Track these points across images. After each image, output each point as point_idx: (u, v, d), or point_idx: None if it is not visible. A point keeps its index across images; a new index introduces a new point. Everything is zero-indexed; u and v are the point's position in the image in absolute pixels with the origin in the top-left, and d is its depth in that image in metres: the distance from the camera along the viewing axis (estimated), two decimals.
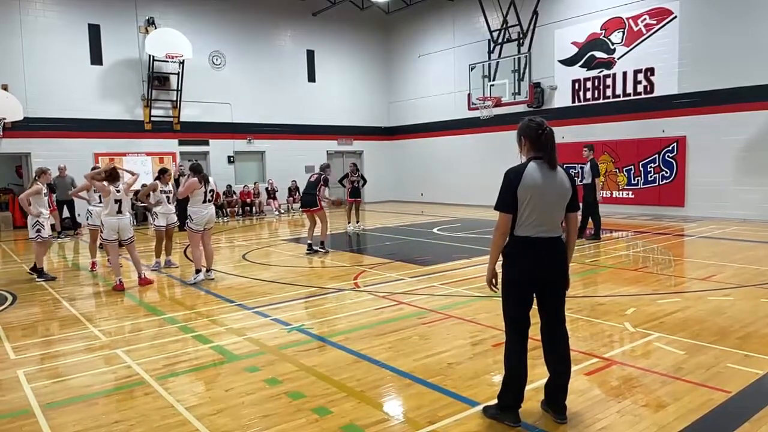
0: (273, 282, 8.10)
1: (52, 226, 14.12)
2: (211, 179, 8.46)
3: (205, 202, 8.27)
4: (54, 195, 13.89)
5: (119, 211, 8.00)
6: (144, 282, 8.19)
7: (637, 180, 16.03)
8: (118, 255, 8.20)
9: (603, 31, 16.57)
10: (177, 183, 16.03)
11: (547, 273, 3.38)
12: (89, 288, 8.35)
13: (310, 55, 22.36)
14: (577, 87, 17.40)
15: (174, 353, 5.06)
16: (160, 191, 9.56)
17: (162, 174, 9.73)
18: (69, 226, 15.74)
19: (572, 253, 3.51)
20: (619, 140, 16.33)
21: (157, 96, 18.71)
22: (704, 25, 14.32)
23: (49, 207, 13.58)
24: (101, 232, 8.26)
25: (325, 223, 10.80)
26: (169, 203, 9.66)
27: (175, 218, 9.82)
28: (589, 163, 10.94)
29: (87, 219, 9.89)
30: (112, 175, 7.98)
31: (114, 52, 17.99)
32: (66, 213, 15.43)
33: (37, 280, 8.78)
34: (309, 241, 10.72)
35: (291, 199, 20.89)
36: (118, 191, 7.93)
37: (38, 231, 8.63)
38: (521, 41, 17.24)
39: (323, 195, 10.65)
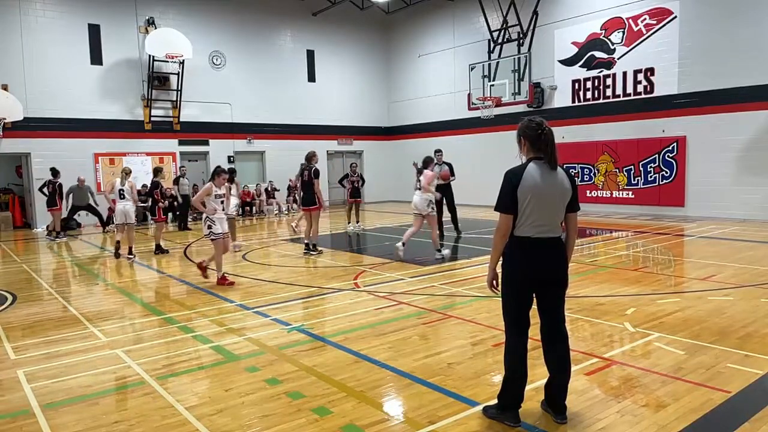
0: (273, 282, 8.10)
1: (53, 226, 14.34)
2: (119, 181, 10.77)
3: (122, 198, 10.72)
4: (63, 197, 14.53)
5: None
6: (223, 281, 7.99)
7: (637, 180, 16.03)
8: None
9: (603, 31, 16.57)
10: (176, 183, 16.11)
11: (547, 273, 3.37)
12: (89, 288, 8.36)
13: (310, 55, 22.36)
14: (577, 87, 17.40)
15: (174, 353, 5.06)
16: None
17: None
18: (72, 226, 16.31)
19: (572, 253, 3.51)
20: (619, 140, 16.33)
21: (157, 96, 18.71)
22: (704, 25, 14.31)
23: (56, 206, 13.95)
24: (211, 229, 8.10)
25: (317, 223, 10.70)
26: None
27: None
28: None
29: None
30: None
31: (114, 52, 17.99)
32: (71, 215, 16.00)
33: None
34: (306, 241, 10.68)
35: (291, 198, 20.90)
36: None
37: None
38: (521, 41, 17.24)
39: (318, 189, 10.47)
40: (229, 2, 20.17)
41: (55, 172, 14.33)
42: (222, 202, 8.20)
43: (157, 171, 11.69)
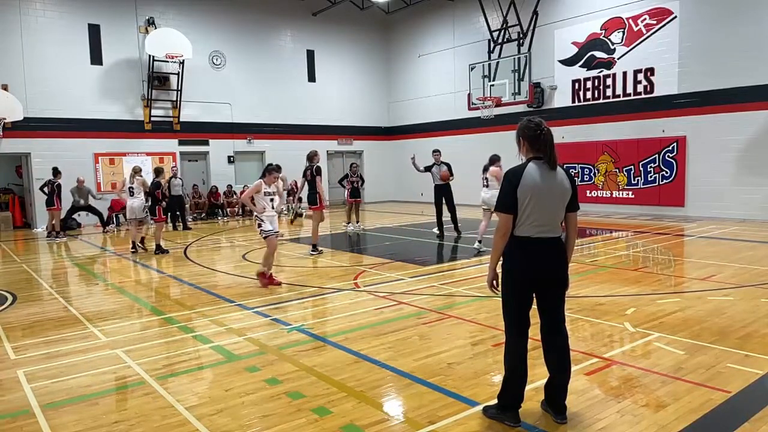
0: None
1: (52, 226, 14.36)
2: (128, 179, 11.54)
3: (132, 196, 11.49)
4: (61, 197, 14.60)
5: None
6: (271, 281, 7.84)
7: (637, 180, 16.03)
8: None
9: (603, 31, 16.57)
10: (169, 183, 16.10)
11: (547, 273, 3.37)
12: (89, 288, 8.36)
13: (310, 55, 22.36)
14: (577, 87, 17.40)
15: (174, 353, 5.06)
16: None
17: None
18: (72, 226, 16.37)
19: (572, 253, 3.51)
20: (619, 140, 16.32)
21: (157, 96, 18.70)
22: (704, 25, 14.31)
23: (54, 205, 13.99)
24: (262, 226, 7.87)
25: (317, 223, 10.65)
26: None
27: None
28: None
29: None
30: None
31: (114, 52, 17.99)
32: (70, 215, 16.19)
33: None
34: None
35: (291, 198, 20.87)
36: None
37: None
38: (521, 41, 17.23)
39: (320, 187, 10.45)
40: (229, 2, 20.16)
41: (55, 171, 14.38)
42: (272, 200, 8.04)
43: (158, 171, 11.87)
